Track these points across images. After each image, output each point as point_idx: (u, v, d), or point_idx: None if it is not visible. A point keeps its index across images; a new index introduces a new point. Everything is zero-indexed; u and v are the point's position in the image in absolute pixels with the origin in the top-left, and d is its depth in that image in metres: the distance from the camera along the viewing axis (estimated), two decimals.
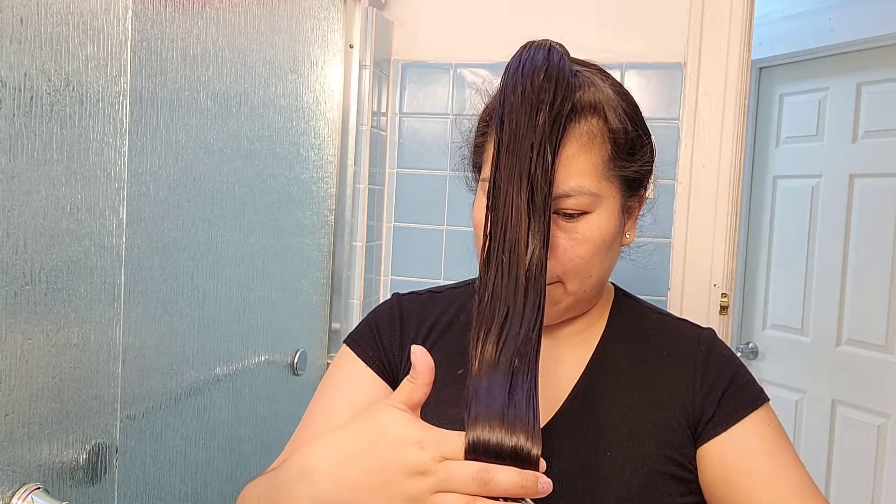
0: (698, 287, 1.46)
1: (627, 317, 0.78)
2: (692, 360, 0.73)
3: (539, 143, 0.58)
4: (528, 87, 0.59)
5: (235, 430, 1.20)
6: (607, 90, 0.67)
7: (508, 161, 0.58)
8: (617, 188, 0.67)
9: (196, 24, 1.03)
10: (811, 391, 2.32)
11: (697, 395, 0.70)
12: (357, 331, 0.82)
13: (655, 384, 0.72)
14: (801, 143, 2.36)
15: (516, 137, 0.58)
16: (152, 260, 0.96)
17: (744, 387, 0.71)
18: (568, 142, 0.62)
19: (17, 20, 0.71)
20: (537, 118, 0.58)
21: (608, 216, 0.67)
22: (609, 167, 0.66)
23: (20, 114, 0.72)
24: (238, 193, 1.16)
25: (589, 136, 0.64)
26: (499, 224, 0.57)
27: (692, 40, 1.46)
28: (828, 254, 2.26)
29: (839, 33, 2.19)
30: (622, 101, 0.68)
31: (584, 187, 0.64)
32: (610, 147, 0.65)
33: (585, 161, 0.64)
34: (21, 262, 0.74)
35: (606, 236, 0.67)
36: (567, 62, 0.62)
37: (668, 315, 0.80)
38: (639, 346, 0.75)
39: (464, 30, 1.61)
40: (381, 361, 0.78)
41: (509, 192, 0.58)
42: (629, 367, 0.74)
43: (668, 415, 0.70)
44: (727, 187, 1.45)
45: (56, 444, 0.80)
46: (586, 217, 0.65)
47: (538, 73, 0.59)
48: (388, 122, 1.66)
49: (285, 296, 1.35)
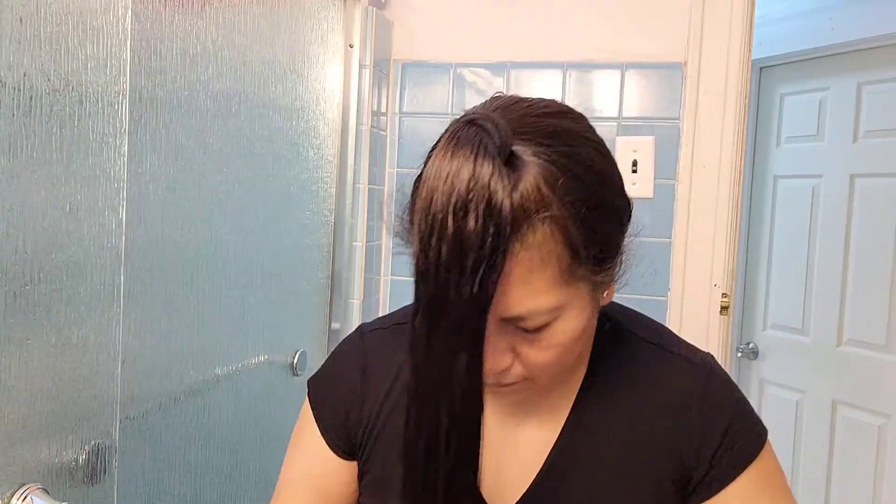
0: (698, 287, 1.46)
1: (612, 354, 0.69)
2: (685, 412, 0.65)
3: (470, 296, 0.49)
4: (450, 232, 0.49)
5: (235, 431, 1.20)
6: (554, 174, 0.53)
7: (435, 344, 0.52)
8: (585, 284, 0.57)
9: (196, 24, 1.03)
10: (811, 391, 2.31)
11: (688, 451, 0.65)
12: (321, 387, 0.76)
13: (643, 440, 0.66)
14: (801, 143, 2.36)
15: (442, 295, 0.50)
16: (152, 260, 0.96)
17: (740, 441, 0.65)
18: (516, 258, 0.52)
19: (17, 20, 0.71)
20: (465, 269, 0.49)
21: (577, 315, 0.57)
22: (570, 272, 0.54)
23: (19, 114, 0.72)
24: (238, 193, 1.16)
25: (540, 247, 0.52)
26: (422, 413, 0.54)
27: (693, 40, 1.46)
28: (828, 254, 2.26)
29: (840, 33, 2.19)
30: (577, 182, 0.54)
31: (541, 307, 0.54)
32: (567, 253, 0.53)
33: (537, 279, 0.53)
34: (21, 263, 0.73)
35: (577, 334, 0.58)
36: (496, 166, 0.49)
37: (658, 343, 0.70)
38: (625, 393, 0.68)
39: (464, 30, 1.61)
40: (341, 438, 0.73)
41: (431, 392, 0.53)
42: (613, 421, 0.67)
43: (655, 472, 0.65)
44: (727, 187, 1.44)
45: (55, 444, 0.80)
46: (550, 326, 0.56)
47: (460, 207, 0.48)
48: (387, 121, 1.66)
49: (285, 296, 1.35)
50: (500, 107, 0.57)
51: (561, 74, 1.56)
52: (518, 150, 0.53)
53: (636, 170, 1.50)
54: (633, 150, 1.50)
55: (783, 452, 2.38)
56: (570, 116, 0.59)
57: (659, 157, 1.50)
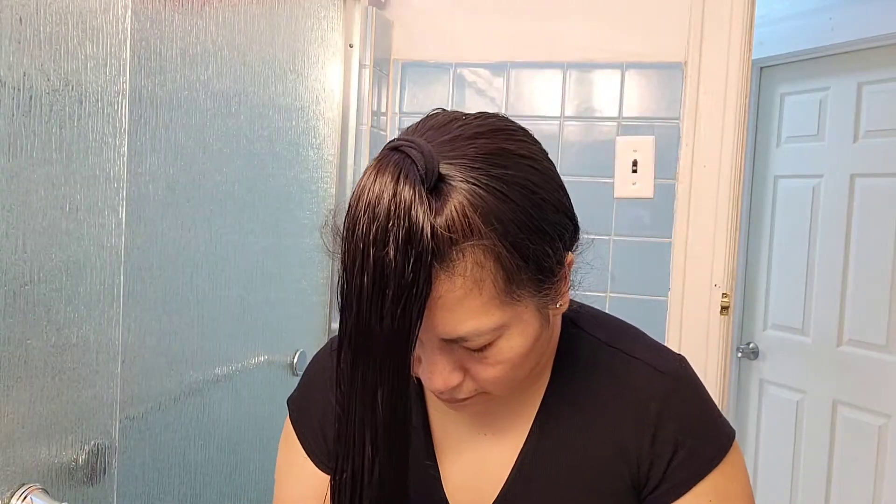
0: (699, 287, 1.46)
1: (575, 359, 0.68)
2: (643, 420, 0.65)
3: (391, 328, 0.49)
4: (371, 262, 0.48)
5: (235, 430, 1.20)
6: (482, 199, 0.51)
7: (358, 376, 0.52)
8: (528, 299, 0.55)
9: (195, 24, 1.03)
10: (812, 391, 2.31)
11: (643, 463, 0.64)
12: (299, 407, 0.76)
13: (602, 448, 0.65)
14: (801, 143, 2.36)
15: (364, 326, 0.50)
16: (152, 260, 0.96)
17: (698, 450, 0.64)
18: (450, 284, 0.51)
19: (17, 20, 0.71)
20: (385, 300, 0.49)
21: (521, 331, 0.56)
22: (507, 293, 0.53)
23: (19, 113, 0.72)
24: (238, 193, 1.16)
25: (473, 271, 0.51)
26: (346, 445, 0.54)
27: (693, 40, 1.46)
28: (828, 254, 2.25)
29: (840, 33, 2.18)
30: (510, 204, 0.52)
31: (480, 328, 0.53)
32: (502, 275, 0.52)
33: (473, 301, 0.52)
34: (20, 262, 0.73)
35: (525, 349, 0.57)
36: (417, 192, 0.49)
37: (627, 351, 0.69)
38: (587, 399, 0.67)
39: (464, 30, 1.61)
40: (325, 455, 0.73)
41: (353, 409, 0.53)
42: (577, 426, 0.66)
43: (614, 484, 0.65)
44: (728, 187, 1.44)
45: (55, 444, 0.80)
46: (494, 344, 0.55)
47: (380, 237, 0.48)
48: (387, 121, 1.66)
49: (285, 296, 1.35)
50: (432, 127, 0.56)
51: (561, 74, 1.56)
52: (446, 174, 0.51)
53: (636, 170, 1.50)
54: (633, 150, 1.50)
55: (783, 452, 2.38)
56: (504, 134, 0.56)
57: (659, 157, 1.50)
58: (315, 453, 0.73)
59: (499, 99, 1.60)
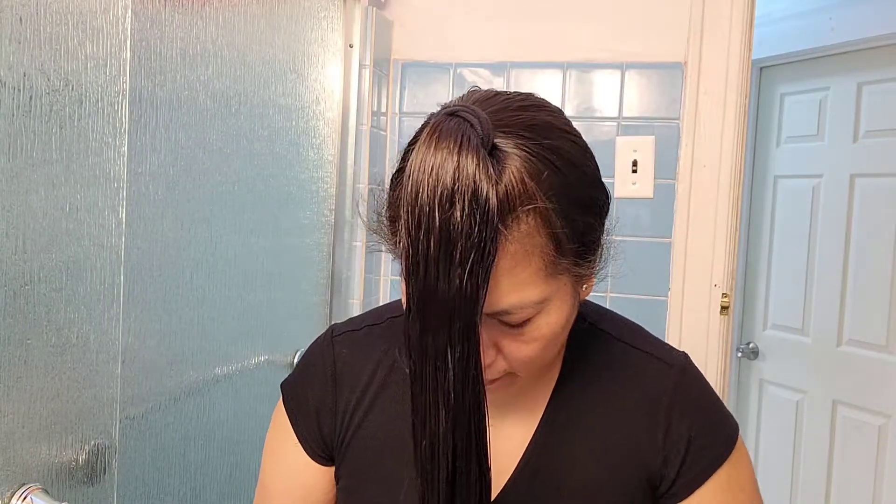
0: (698, 287, 1.46)
1: (585, 353, 0.69)
2: (656, 412, 0.66)
3: (459, 290, 0.49)
4: (437, 225, 0.48)
5: (235, 430, 1.20)
6: (536, 166, 0.52)
7: (428, 341, 0.51)
8: (567, 277, 0.56)
9: (195, 24, 1.03)
10: (812, 391, 2.31)
11: (658, 454, 0.65)
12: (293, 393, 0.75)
13: (614, 442, 0.66)
14: (801, 143, 2.36)
15: (432, 290, 0.49)
16: (152, 260, 0.96)
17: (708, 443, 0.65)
18: (501, 251, 0.51)
19: (17, 20, 0.71)
20: (453, 262, 0.48)
21: (559, 308, 0.57)
22: (552, 266, 0.54)
23: (19, 114, 0.72)
24: (238, 193, 1.16)
25: (524, 240, 0.52)
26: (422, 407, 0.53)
27: (692, 40, 1.46)
28: (828, 254, 2.26)
29: (840, 33, 2.18)
30: (558, 174, 0.53)
31: (526, 300, 0.54)
32: (551, 246, 0.53)
33: (521, 272, 0.53)
34: (20, 262, 0.73)
35: (559, 327, 0.58)
36: (481, 157, 0.49)
37: (629, 342, 0.70)
38: (597, 390, 0.68)
39: (464, 30, 1.61)
40: (317, 444, 0.72)
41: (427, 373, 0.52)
42: (586, 421, 0.67)
43: (625, 474, 0.65)
44: (727, 187, 1.44)
45: (55, 444, 0.80)
46: (533, 320, 0.56)
47: (446, 199, 0.48)
48: (387, 121, 1.66)
49: (285, 296, 1.35)
50: (478, 100, 0.56)
51: (561, 74, 1.56)
52: (499, 142, 0.52)
53: (636, 170, 1.50)
54: (633, 150, 1.50)
55: (783, 452, 2.38)
56: (547, 110, 0.58)
57: (659, 156, 1.50)
58: (307, 441, 0.72)
59: None
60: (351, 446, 0.70)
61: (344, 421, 0.71)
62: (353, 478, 0.70)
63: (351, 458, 0.70)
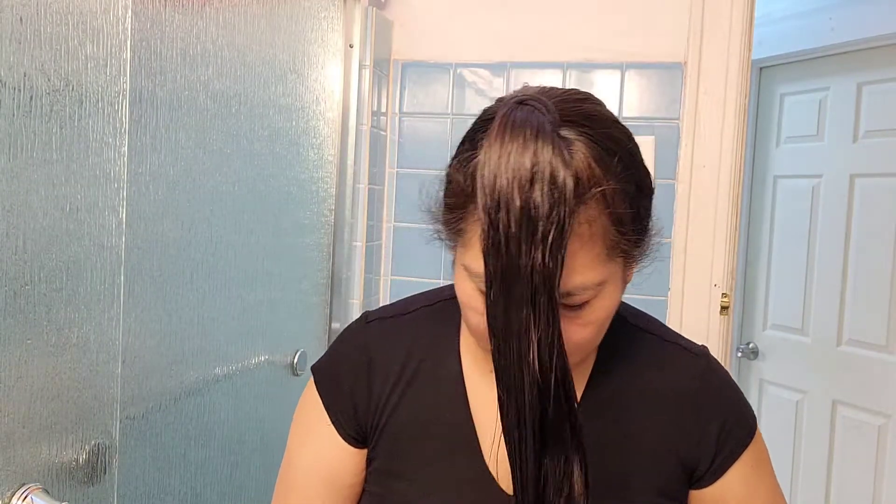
0: (698, 287, 1.46)
1: (616, 344, 0.72)
2: (688, 399, 0.70)
3: (541, 265, 0.51)
4: (518, 205, 0.51)
5: (235, 430, 1.20)
6: (599, 153, 0.56)
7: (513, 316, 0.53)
8: (621, 261, 0.60)
9: (196, 24, 1.03)
10: (811, 391, 2.31)
11: (692, 439, 0.69)
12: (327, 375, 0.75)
13: (650, 425, 0.69)
14: (801, 143, 2.36)
15: (514, 267, 0.52)
16: (152, 260, 0.96)
17: (736, 426, 0.70)
18: (570, 238, 0.53)
19: (17, 20, 0.71)
20: (535, 240, 0.51)
21: (613, 292, 0.61)
22: (612, 249, 0.58)
23: (20, 114, 0.72)
24: (238, 193, 1.16)
25: (588, 225, 0.55)
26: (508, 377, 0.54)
27: (692, 40, 1.46)
28: (828, 254, 2.26)
29: (840, 33, 2.19)
30: (619, 161, 0.57)
31: (588, 282, 0.57)
32: (613, 229, 0.57)
33: (586, 254, 0.56)
34: (21, 262, 0.74)
35: (612, 310, 0.61)
36: (555, 142, 0.52)
37: (658, 334, 0.74)
38: (631, 380, 0.71)
39: (464, 30, 1.61)
40: (351, 426, 0.73)
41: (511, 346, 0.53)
42: (621, 405, 0.70)
43: (663, 460, 0.68)
44: (727, 187, 1.44)
45: (56, 444, 0.80)
46: (590, 303, 0.59)
47: (525, 180, 0.51)
48: (387, 121, 1.66)
49: (285, 296, 1.35)
50: (540, 92, 0.59)
51: (561, 74, 1.56)
52: (563, 132, 0.55)
53: None
54: None
55: (783, 452, 2.38)
56: (600, 105, 0.62)
57: (659, 156, 1.50)
58: (341, 423, 0.73)
59: None
60: (387, 430, 0.72)
61: (379, 405, 0.72)
62: (389, 459, 0.71)
63: (387, 440, 0.72)
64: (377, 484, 0.72)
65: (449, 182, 0.61)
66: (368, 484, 0.73)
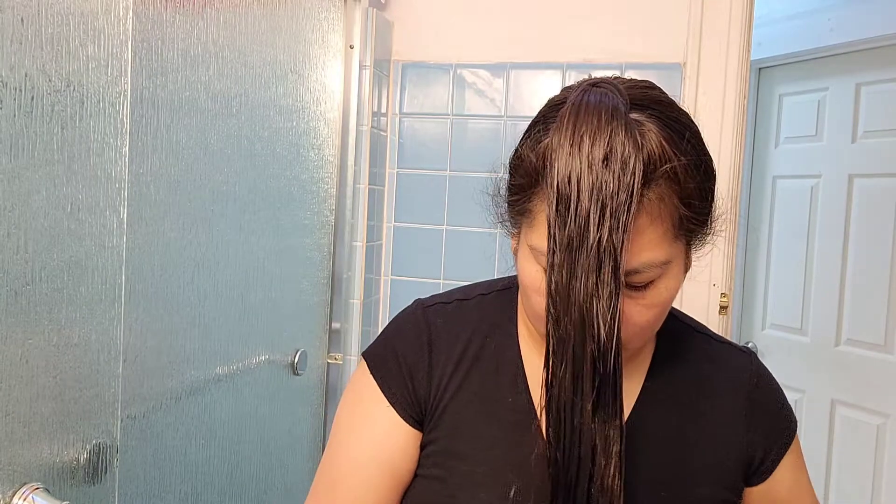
0: (698, 287, 1.46)
1: (672, 340, 0.74)
2: (743, 395, 0.72)
3: (608, 240, 0.53)
4: (592, 179, 0.53)
5: (235, 430, 1.20)
6: (669, 134, 0.58)
7: (576, 286, 0.54)
8: (686, 242, 0.62)
9: (197, 25, 1.03)
10: (810, 391, 2.32)
11: (748, 434, 0.71)
12: (382, 357, 0.74)
13: (708, 420, 0.71)
14: (800, 143, 2.36)
15: (582, 239, 0.53)
16: (153, 260, 0.97)
17: (786, 422, 0.73)
18: (637, 214, 0.55)
19: (18, 20, 0.72)
20: (604, 215, 0.53)
21: (677, 273, 0.62)
22: (679, 227, 0.59)
23: (21, 114, 0.72)
24: (238, 193, 1.16)
25: (657, 202, 0.57)
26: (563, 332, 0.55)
27: (692, 40, 1.47)
28: (827, 254, 2.26)
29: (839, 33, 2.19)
30: (687, 143, 0.59)
31: (655, 260, 0.58)
32: (681, 207, 0.58)
33: (654, 232, 0.57)
34: (21, 262, 0.74)
35: (674, 292, 0.62)
36: (627, 123, 0.54)
37: (708, 333, 0.77)
38: (688, 375, 0.72)
39: (464, 30, 1.62)
40: (410, 405, 0.72)
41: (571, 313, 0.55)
42: (680, 399, 0.71)
43: (723, 454, 0.70)
44: (727, 187, 1.45)
45: (57, 443, 0.80)
46: (655, 283, 0.60)
47: (599, 158, 0.53)
48: (388, 122, 1.66)
49: (285, 296, 1.35)
50: (609, 78, 0.62)
51: (560, 74, 1.56)
52: (634, 114, 0.58)
53: None
54: None
55: None
56: (664, 93, 0.64)
57: None
58: (400, 403, 0.71)
59: (499, 100, 1.60)
60: (449, 410, 0.71)
61: (441, 384, 0.71)
62: (452, 440, 0.70)
63: (449, 420, 0.71)
64: (437, 466, 0.70)
65: (520, 161, 0.62)
66: (424, 468, 0.71)
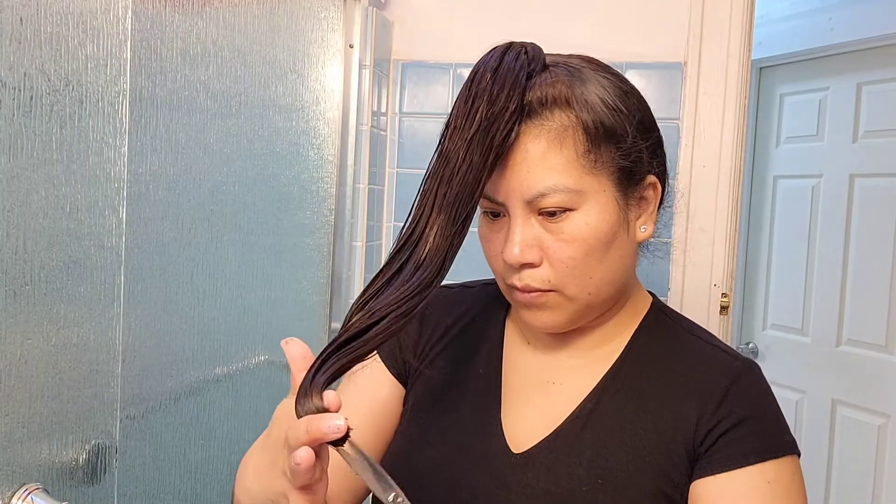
0: (698, 287, 1.46)
1: (655, 335, 0.73)
2: (710, 390, 0.67)
3: (469, 142, 0.58)
4: (473, 91, 0.59)
5: (235, 430, 1.20)
6: (588, 83, 0.64)
7: (438, 164, 0.60)
8: (607, 179, 0.64)
9: (196, 24, 1.03)
10: (811, 391, 2.32)
11: (702, 426, 0.66)
12: None
13: (665, 411, 0.68)
14: (801, 143, 2.36)
15: (451, 140, 0.59)
16: (152, 260, 0.96)
17: (758, 433, 0.65)
18: (536, 139, 0.62)
19: (17, 20, 0.71)
20: (474, 119, 0.58)
21: (599, 211, 0.64)
22: (588, 159, 0.63)
23: (20, 114, 0.72)
24: (238, 193, 1.16)
25: (559, 131, 0.62)
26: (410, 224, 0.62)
27: (692, 40, 1.46)
28: (828, 254, 2.26)
29: (839, 33, 2.19)
30: (605, 91, 0.65)
31: (559, 184, 0.62)
32: (584, 138, 0.62)
33: (556, 156, 0.62)
34: (21, 262, 0.74)
35: (600, 234, 0.64)
36: (526, 59, 0.61)
37: (702, 337, 0.74)
38: (659, 368, 0.71)
39: (464, 30, 1.61)
40: (395, 360, 0.79)
41: (430, 193, 0.60)
42: (643, 390, 0.69)
43: (672, 445, 0.66)
44: (727, 187, 1.45)
45: (56, 444, 0.80)
46: (570, 215, 0.63)
47: (485, 75, 0.59)
48: (388, 121, 1.66)
49: (285, 296, 1.35)
50: None
51: None
52: (551, 64, 0.65)
53: None
54: None
55: None
56: (597, 61, 0.70)
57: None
58: (388, 358, 0.79)
59: None
60: (423, 375, 0.78)
61: (425, 350, 0.79)
62: (422, 399, 0.77)
63: (423, 381, 0.77)
64: (408, 422, 0.76)
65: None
66: (401, 424, 0.78)
